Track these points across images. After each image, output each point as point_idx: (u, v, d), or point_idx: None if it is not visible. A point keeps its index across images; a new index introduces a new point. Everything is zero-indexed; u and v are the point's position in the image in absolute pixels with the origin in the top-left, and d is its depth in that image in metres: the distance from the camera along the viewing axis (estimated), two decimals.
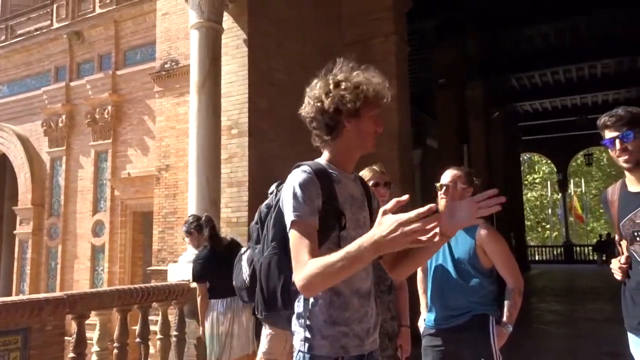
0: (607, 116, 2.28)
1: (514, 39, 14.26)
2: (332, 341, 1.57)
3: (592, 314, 9.94)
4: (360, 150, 1.71)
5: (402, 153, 7.82)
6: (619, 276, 2.31)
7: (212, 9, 5.65)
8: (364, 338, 1.61)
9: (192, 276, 4.45)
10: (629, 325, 2.28)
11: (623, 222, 2.26)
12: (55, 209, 11.10)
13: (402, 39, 8.32)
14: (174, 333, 4.76)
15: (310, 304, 1.62)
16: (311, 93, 1.69)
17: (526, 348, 6.58)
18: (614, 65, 16.17)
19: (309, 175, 1.59)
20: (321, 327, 1.58)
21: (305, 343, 1.59)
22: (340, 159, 1.70)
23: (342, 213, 1.60)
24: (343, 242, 1.57)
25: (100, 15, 10.70)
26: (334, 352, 1.57)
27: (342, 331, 1.58)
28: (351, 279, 1.57)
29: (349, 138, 1.67)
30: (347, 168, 1.72)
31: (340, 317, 1.58)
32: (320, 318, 1.59)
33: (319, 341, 1.58)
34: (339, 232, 1.60)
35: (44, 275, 11.00)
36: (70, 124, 11.05)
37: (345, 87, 1.63)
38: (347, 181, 1.70)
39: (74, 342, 3.61)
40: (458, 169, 2.92)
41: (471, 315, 2.72)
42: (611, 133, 2.25)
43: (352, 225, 1.63)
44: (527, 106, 21.12)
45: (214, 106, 5.63)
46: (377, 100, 1.65)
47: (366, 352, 1.63)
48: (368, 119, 1.65)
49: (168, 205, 7.51)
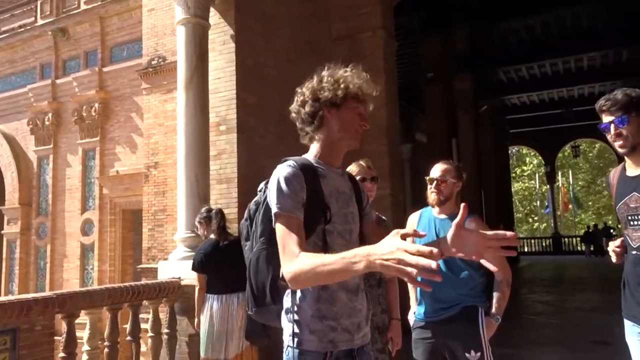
0: (604, 100, 2.25)
1: (500, 32, 14.34)
2: (320, 336, 1.58)
3: (580, 304, 10.08)
4: (345, 144, 1.71)
5: (391, 148, 7.84)
6: (614, 259, 2.30)
7: (198, 4, 5.60)
8: (353, 332, 1.62)
9: (192, 265, 4.45)
10: (625, 312, 2.27)
11: (619, 206, 2.25)
12: (43, 208, 11.00)
13: (390, 33, 8.33)
14: (165, 331, 4.75)
15: (297, 299, 1.62)
16: (298, 92, 1.74)
17: (516, 338, 6.66)
18: (600, 58, 16.34)
19: (293, 169, 1.61)
20: (309, 321, 1.59)
21: (294, 338, 1.60)
22: (325, 152, 1.71)
23: (327, 206, 1.61)
24: (329, 235, 1.60)
25: (85, 12, 10.59)
26: (322, 347, 1.58)
27: (330, 325, 1.59)
28: None
29: (330, 129, 1.69)
30: (334, 162, 1.73)
31: (328, 312, 1.59)
32: (308, 312, 1.59)
33: (307, 336, 1.58)
34: (324, 226, 1.60)
35: (33, 275, 10.90)
36: (57, 121, 10.93)
37: (326, 80, 1.68)
38: (333, 176, 1.71)
39: (64, 341, 3.59)
40: (447, 163, 2.94)
41: (461, 307, 2.75)
42: (607, 117, 2.22)
43: (338, 219, 1.64)
44: (514, 99, 21.28)
45: (201, 103, 5.59)
46: (359, 94, 1.67)
47: (356, 347, 1.64)
48: (350, 110, 1.67)
49: (157, 203, 7.48)
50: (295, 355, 1.59)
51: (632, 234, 2.19)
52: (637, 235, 2.17)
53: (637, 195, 2.16)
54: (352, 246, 1.57)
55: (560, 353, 6.19)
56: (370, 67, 1.80)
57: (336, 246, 1.59)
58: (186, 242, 5.40)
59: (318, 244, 1.60)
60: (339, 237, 1.64)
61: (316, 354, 1.57)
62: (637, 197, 2.16)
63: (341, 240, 1.64)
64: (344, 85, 1.65)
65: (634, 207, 2.18)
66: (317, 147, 1.72)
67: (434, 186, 2.87)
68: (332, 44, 8.13)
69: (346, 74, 1.69)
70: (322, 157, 1.71)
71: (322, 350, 1.58)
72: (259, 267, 1.68)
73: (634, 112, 2.15)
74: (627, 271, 2.24)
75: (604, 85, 19.05)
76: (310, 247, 1.57)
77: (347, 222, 1.68)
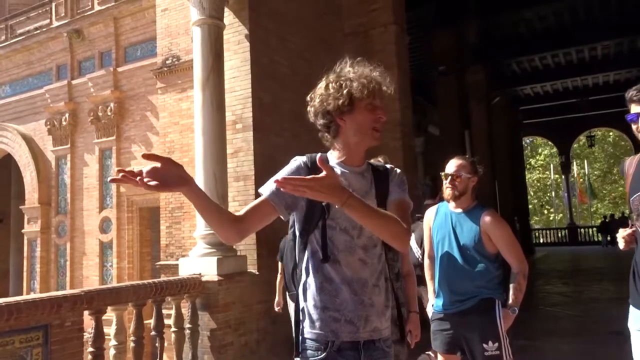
0: (636, 90, 2.18)
1: (512, 23, 14.20)
2: (321, 325, 1.64)
3: (597, 295, 10.04)
4: (362, 144, 1.75)
5: (405, 142, 7.88)
6: (622, 245, 2.28)
7: (213, 5, 5.68)
8: (358, 325, 1.64)
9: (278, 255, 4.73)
10: (633, 300, 2.27)
11: (633, 198, 2.21)
12: (62, 206, 11.21)
13: (402, 28, 8.34)
14: (188, 325, 4.86)
15: (303, 289, 1.71)
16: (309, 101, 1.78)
17: (533, 330, 6.69)
18: (614, 46, 16.11)
19: (297, 165, 1.72)
20: (312, 311, 1.66)
21: (298, 325, 1.69)
22: (345, 155, 1.76)
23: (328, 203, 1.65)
24: (331, 230, 1.67)
25: (99, 13, 10.73)
26: (323, 336, 1.64)
27: (332, 316, 1.64)
28: (342, 268, 1.65)
29: (346, 134, 1.73)
30: (354, 162, 1.77)
31: (331, 303, 1.64)
32: (311, 303, 1.67)
33: (309, 324, 1.66)
34: (325, 221, 1.67)
35: (54, 273, 11.14)
36: (74, 122, 11.12)
37: (332, 87, 1.71)
38: (349, 175, 1.74)
39: (92, 337, 3.71)
40: (463, 159, 2.99)
41: (478, 300, 2.81)
42: (636, 108, 2.15)
43: (342, 216, 1.66)
44: (528, 90, 21.07)
45: (218, 102, 5.68)
46: (365, 91, 1.69)
47: (362, 340, 1.66)
48: (362, 109, 1.70)
49: (174, 200, 7.59)
50: (300, 341, 1.68)
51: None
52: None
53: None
54: (361, 242, 1.68)
55: (577, 344, 6.21)
56: (382, 63, 1.83)
57: (338, 242, 1.67)
58: (206, 239, 5.50)
59: (317, 238, 1.67)
60: (343, 234, 1.68)
61: (317, 343, 1.64)
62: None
63: (345, 236, 1.68)
64: (347, 92, 1.68)
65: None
66: (337, 149, 1.77)
67: (448, 181, 2.92)
68: (344, 39, 8.17)
69: (350, 74, 1.71)
70: (342, 159, 1.76)
71: (324, 340, 1.63)
72: (287, 257, 1.81)
73: None
74: (637, 261, 2.23)
75: (619, 73, 18.79)
76: (314, 243, 1.67)
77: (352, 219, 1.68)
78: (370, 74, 1.73)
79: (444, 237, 2.95)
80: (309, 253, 1.70)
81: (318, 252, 1.67)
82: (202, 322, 4.99)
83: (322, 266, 1.66)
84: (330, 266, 1.66)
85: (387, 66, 1.82)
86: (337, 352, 1.63)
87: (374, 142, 1.74)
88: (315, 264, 1.68)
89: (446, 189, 2.94)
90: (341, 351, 1.63)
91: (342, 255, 1.66)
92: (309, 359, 1.65)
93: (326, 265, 1.66)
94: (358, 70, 1.73)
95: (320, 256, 1.66)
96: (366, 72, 1.72)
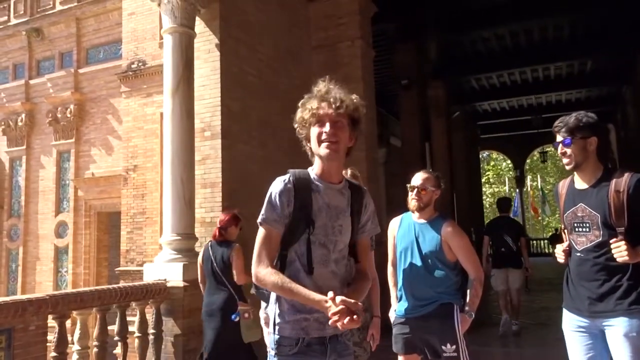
0: (558, 122, 2.59)
1: (471, 41, 14.73)
2: (293, 324, 1.86)
3: (547, 303, 10.51)
4: (325, 159, 1.89)
5: (369, 154, 8.07)
6: (561, 259, 2.65)
7: (184, 14, 5.72)
8: (325, 323, 1.82)
9: None
10: (567, 305, 2.62)
11: (567, 214, 2.59)
12: (16, 209, 10.85)
13: (368, 43, 8.57)
14: (152, 331, 4.85)
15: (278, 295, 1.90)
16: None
17: (487, 334, 6.98)
18: (565, 67, 16.95)
19: (285, 185, 1.88)
20: (286, 312, 1.87)
21: (275, 325, 1.89)
22: (319, 171, 1.94)
23: (312, 220, 1.86)
24: (312, 245, 1.86)
25: (61, 12, 10.52)
26: (295, 333, 1.86)
27: (303, 317, 1.86)
28: (315, 277, 1.86)
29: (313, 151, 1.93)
30: (331, 179, 1.94)
31: (303, 307, 1.84)
32: (286, 305, 1.88)
33: (284, 324, 1.87)
34: (309, 236, 1.86)
35: (4, 278, 10.75)
36: (31, 122, 10.82)
37: (300, 109, 1.92)
38: (329, 191, 1.92)
39: (56, 341, 3.67)
40: (428, 172, 3.19)
41: (438, 305, 2.99)
42: (558, 137, 2.57)
43: (322, 231, 1.88)
44: (485, 105, 21.81)
45: (187, 109, 5.71)
46: (312, 117, 1.88)
47: (328, 335, 1.88)
48: (314, 125, 1.88)
49: (136, 206, 7.51)
50: (275, 339, 1.88)
51: (577, 239, 2.53)
52: (581, 240, 2.51)
53: (584, 207, 2.50)
54: (334, 256, 1.89)
55: (526, 348, 6.58)
56: (348, 76, 2.02)
57: (315, 255, 1.87)
58: (172, 245, 5.48)
59: (300, 250, 1.87)
60: (321, 247, 1.88)
61: (290, 339, 1.86)
62: (584, 208, 2.49)
63: (322, 250, 1.89)
64: (297, 126, 1.93)
65: (580, 216, 2.51)
66: (316, 167, 1.96)
67: (414, 193, 3.10)
68: (312, 52, 8.33)
69: (306, 100, 1.91)
70: (318, 174, 1.94)
71: (296, 336, 1.86)
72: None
73: (578, 135, 2.48)
74: (571, 270, 2.59)
75: (571, 93, 19.74)
76: (293, 253, 1.87)
77: (333, 234, 1.90)
78: (324, 90, 1.89)
79: (407, 246, 3.12)
80: (287, 262, 1.89)
81: (296, 262, 1.87)
82: (167, 327, 4.98)
83: (298, 275, 1.85)
84: (306, 275, 1.85)
85: (353, 79, 2.01)
86: (307, 347, 1.85)
87: (328, 156, 1.87)
88: (292, 273, 1.86)
89: (412, 200, 3.12)
90: (310, 345, 1.86)
91: (317, 267, 1.87)
92: (284, 354, 1.86)
93: (302, 274, 1.85)
94: (309, 97, 1.91)
95: (298, 266, 1.86)
96: (319, 95, 1.89)
